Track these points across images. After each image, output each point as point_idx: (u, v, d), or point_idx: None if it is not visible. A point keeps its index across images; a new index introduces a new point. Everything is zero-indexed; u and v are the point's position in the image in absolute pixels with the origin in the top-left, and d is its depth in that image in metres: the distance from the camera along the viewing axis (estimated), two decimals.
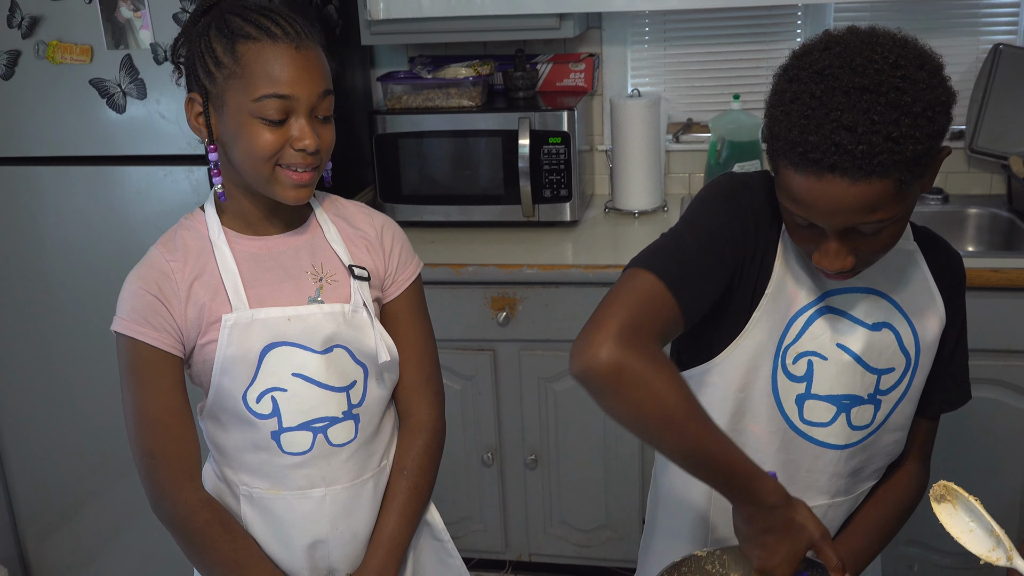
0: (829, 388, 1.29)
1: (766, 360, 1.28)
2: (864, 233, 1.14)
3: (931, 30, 2.68)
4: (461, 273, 2.42)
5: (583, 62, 2.85)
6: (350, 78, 2.89)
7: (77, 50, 2.27)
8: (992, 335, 2.25)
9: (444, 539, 1.56)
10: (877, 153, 1.06)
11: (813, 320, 1.27)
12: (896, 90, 1.07)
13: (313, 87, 1.30)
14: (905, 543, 2.45)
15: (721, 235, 1.22)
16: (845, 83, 1.08)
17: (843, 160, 1.06)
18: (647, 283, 1.16)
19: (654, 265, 1.17)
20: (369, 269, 1.45)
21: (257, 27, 1.28)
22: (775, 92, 1.16)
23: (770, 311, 1.27)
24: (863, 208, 1.09)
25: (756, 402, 1.30)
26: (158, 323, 1.33)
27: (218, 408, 1.38)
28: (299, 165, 1.31)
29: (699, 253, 1.20)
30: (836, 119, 1.07)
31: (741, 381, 1.29)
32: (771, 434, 1.32)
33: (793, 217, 1.17)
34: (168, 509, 1.37)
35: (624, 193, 2.75)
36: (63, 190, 2.39)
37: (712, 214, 1.24)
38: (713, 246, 1.21)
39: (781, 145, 1.12)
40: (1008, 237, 2.60)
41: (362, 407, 1.42)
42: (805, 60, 1.13)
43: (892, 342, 1.31)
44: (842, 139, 1.06)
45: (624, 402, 1.09)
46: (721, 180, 1.30)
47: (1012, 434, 2.31)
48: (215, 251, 1.37)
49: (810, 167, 1.09)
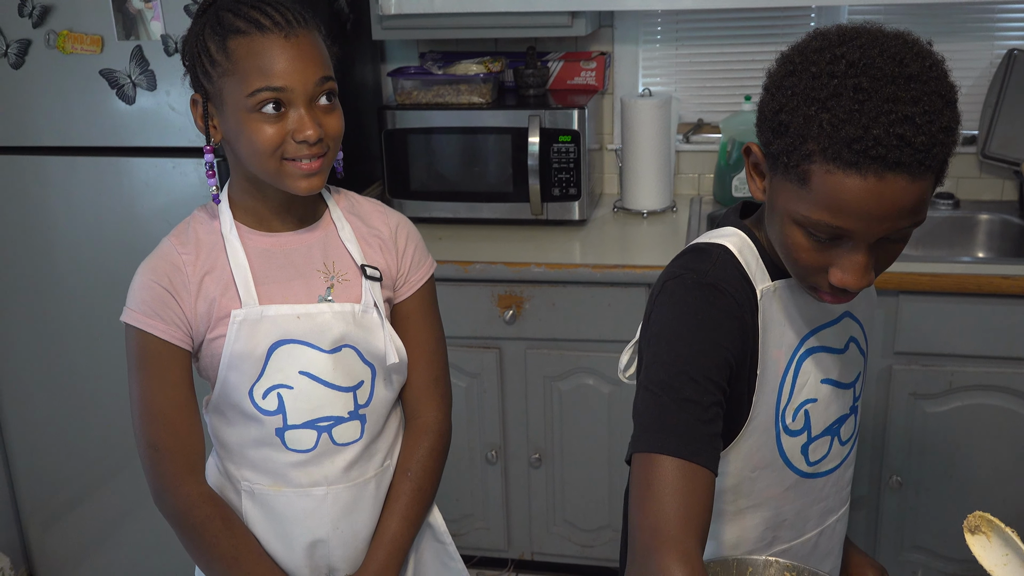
0: (823, 423, 1.26)
1: (770, 434, 1.23)
2: (892, 240, 1.06)
3: (945, 34, 2.66)
4: (468, 270, 2.41)
5: (594, 60, 2.84)
6: (360, 73, 2.88)
7: (87, 40, 2.26)
8: (1002, 342, 2.23)
9: (446, 541, 1.56)
10: (934, 145, 0.99)
11: (798, 370, 1.22)
12: (934, 79, 1.01)
13: (307, 75, 1.27)
14: (910, 548, 2.44)
15: (714, 366, 1.11)
16: (891, 72, 0.99)
17: (906, 155, 0.97)
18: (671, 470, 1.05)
19: (666, 445, 1.06)
20: (382, 268, 1.43)
21: (246, 20, 1.26)
22: (795, 91, 1.03)
23: (764, 388, 1.20)
24: (912, 209, 1.02)
25: (768, 473, 1.25)
26: (167, 316, 1.33)
27: (224, 403, 1.38)
28: (304, 157, 1.29)
29: (701, 402, 1.08)
30: (892, 110, 0.97)
31: (753, 462, 1.24)
32: (785, 491, 1.27)
33: (814, 234, 1.06)
34: (170, 502, 1.37)
35: (633, 193, 2.74)
36: (71, 180, 2.39)
37: (697, 344, 1.11)
38: (710, 384, 1.10)
39: (826, 145, 1.00)
40: (1019, 244, 2.59)
41: (368, 407, 1.42)
42: (826, 55, 1.03)
43: (856, 352, 1.29)
44: (905, 131, 0.97)
45: None
46: (686, 292, 1.15)
47: (1020, 441, 2.30)
48: (227, 246, 1.36)
49: (871, 165, 0.98)
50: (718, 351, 1.11)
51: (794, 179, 1.05)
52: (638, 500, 1.06)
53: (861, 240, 1.04)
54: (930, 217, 2.67)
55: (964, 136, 2.72)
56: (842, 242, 1.06)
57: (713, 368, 1.10)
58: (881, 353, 2.30)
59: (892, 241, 1.06)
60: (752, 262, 1.19)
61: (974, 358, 2.26)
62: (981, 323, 2.23)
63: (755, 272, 1.18)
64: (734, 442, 1.21)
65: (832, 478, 1.31)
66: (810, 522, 1.32)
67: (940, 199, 2.69)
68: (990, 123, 2.63)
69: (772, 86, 1.08)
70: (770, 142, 1.08)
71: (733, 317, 1.14)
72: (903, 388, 2.31)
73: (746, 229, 1.22)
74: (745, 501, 1.26)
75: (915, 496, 2.40)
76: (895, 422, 2.34)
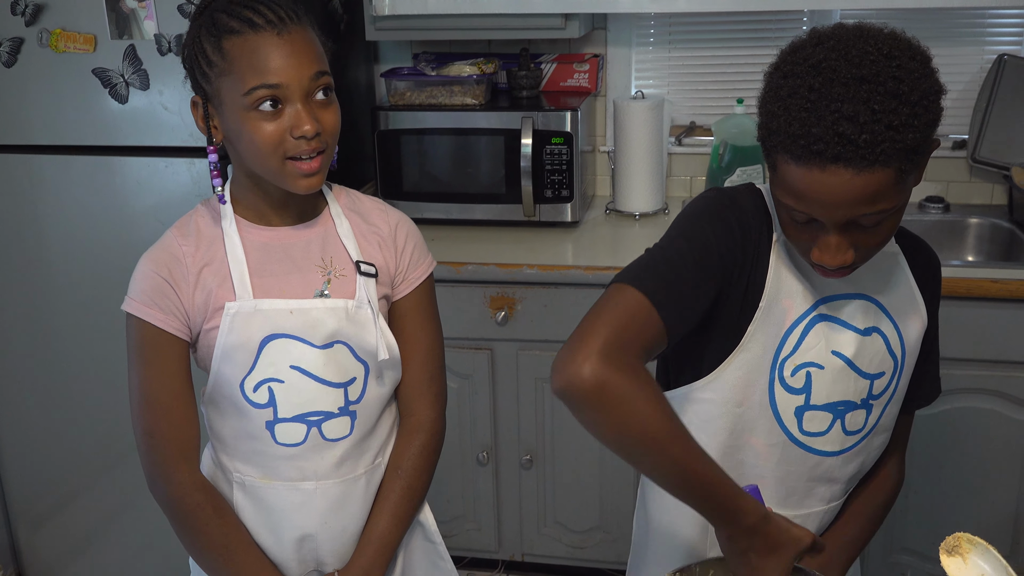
0: (826, 396, 1.29)
1: (762, 374, 1.28)
2: (864, 226, 1.13)
3: (936, 39, 2.68)
4: (461, 272, 2.41)
5: (587, 63, 2.85)
6: (354, 73, 2.88)
7: (81, 39, 2.26)
8: (991, 346, 2.25)
9: (436, 541, 1.56)
10: (879, 142, 1.06)
11: (808, 330, 1.27)
12: (893, 79, 1.07)
13: (302, 71, 1.28)
14: (898, 551, 2.45)
15: (707, 248, 1.21)
16: (843, 75, 1.07)
17: (846, 150, 1.06)
18: (631, 299, 1.15)
19: (638, 281, 1.16)
20: (380, 266, 1.44)
21: (239, 20, 1.27)
22: (769, 89, 1.15)
23: (764, 325, 1.26)
24: (865, 199, 1.09)
25: (754, 416, 1.30)
26: (166, 306, 1.34)
27: (217, 394, 1.39)
28: (304, 152, 1.30)
29: (684, 268, 1.19)
30: (837, 110, 1.06)
31: (738, 396, 1.29)
32: (770, 447, 1.31)
33: (792, 214, 1.16)
34: (163, 489, 1.38)
35: (625, 195, 2.74)
36: (64, 179, 2.39)
37: (697, 228, 1.23)
38: (699, 260, 1.20)
39: (781, 140, 1.11)
40: (1008, 248, 2.60)
41: (360, 404, 1.42)
42: (798, 55, 1.12)
43: (881, 346, 1.31)
44: (845, 129, 1.06)
45: (606, 420, 1.08)
46: (706, 195, 1.29)
47: (1009, 444, 2.31)
48: (225, 239, 1.37)
49: (813, 159, 1.08)
50: (711, 244, 1.21)
51: (771, 166, 1.17)
52: (589, 313, 1.16)
53: (828, 224, 1.13)
54: (920, 221, 2.68)
55: (954, 140, 2.73)
56: (815, 224, 1.15)
57: (709, 252, 1.20)
58: None
59: (865, 227, 1.13)
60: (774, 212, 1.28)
61: (964, 361, 2.27)
62: (971, 326, 2.25)
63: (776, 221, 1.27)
64: (721, 366, 1.28)
65: (827, 463, 1.33)
66: (793, 497, 1.34)
67: (930, 203, 2.71)
68: (980, 128, 2.64)
69: (765, 79, 1.18)
70: (759, 130, 1.19)
71: (740, 229, 1.23)
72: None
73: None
74: (727, 439, 1.32)
75: (904, 499, 2.41)
76: None
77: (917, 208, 2.73)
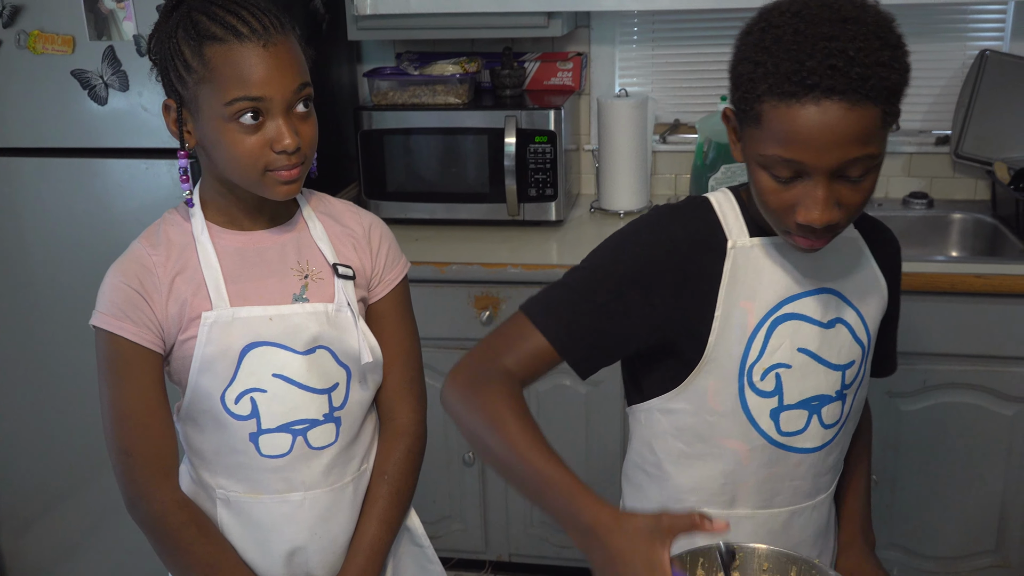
0: (799, 394, 1.29)
1: (731, 382, 1.27)
2: (850, 179, 1.13)
3: (918, 35, 2.68)
4: (445, 271, 2.40)
5: (571, 61, 2.84)
6: (336, 73, 2.87)
7: (59, 40, 2.24)
8: (974, 341, 2.25)
9: (424, 544, 1.55)
10: (870, 76, 1.07)
11: (771, 332, 1.26)
12: (874, 24, 1.10)
13: (286, 84, 1.26)
14: (886, 547, 2.46)
15: (627, 280, 1.23)
16: (827, 16, 1.10)
17: (840, 82, 1.07)
18: (533, 342, 1.21)
19: (545, 323, 1.21)
20: (355, 268, 1.42)
21: (223, 26, 1.24)
22: (746, 45, 1.16)
23: (725, 333, 1.25)
24: (858, 137, 1.09)
25: (729, 422, 1.29)
26: (138, 318, 1.30)
27: (195, 408, 1.36)
28: (284, 166, 1.28)
29: (597, 310, 1.22)
30: (826, 46, 1.07)
31: (710, 404, 1.28)
32: (751, 451, 1.30)
33: (775, 171, 1.14)
34: (143, 509, 1.34)
35: (610, 193, 2.74)
36: (44, 182, 2.36)
37: (621, 255, 1.25)
38: (616, 295, 1.22)
39: (770, 83, 1.10)
40: (992, 243, 2.61)
41: (344, 410, 1.40)
42: (774, 11, 1.14)
43: (847, 336, 1.31)
44: (837, 62, 1.07)
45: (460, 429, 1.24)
46: (646, 215, 1.31)
47: (994, 439, 2.32)
48: (197, 247, 1.34)
49: (808, 93, 1.08)
50: (631, 266, 1.23)
51: (752, 123, 1.15)
52: (493, 337, 1.23)
53: (816, 173, 1.12)
54: (904, 216, 2.69)
55: (937, 136, 2.74)
56: (801, 180, 1.14)
57: (617, 277, 1.22)
58: None
59: (851, 181, 1.13)
60: (731, 216, 1.28)
61: (948, 356, 2.28)
62: (955, 322, 2.25)
63: (731, 225, 1.27)
64: (687, 380, 1.28)
65: (810, 459, 1.33)
66: (779, 496, 1.33)
67: (914, 199, 2.71)
68: (963, 123, 2.65)
69: (735, 47, 1.19)
70: (734, 96, 1.18)
71: (667, 249, 1.24)
72: (878, 387, 2.31)
73: (735, 193, 1.31)
74: (703, 446, 1.31)
75: (891, 494, 2.41)
76: None
77: (901, 204, 2.74)
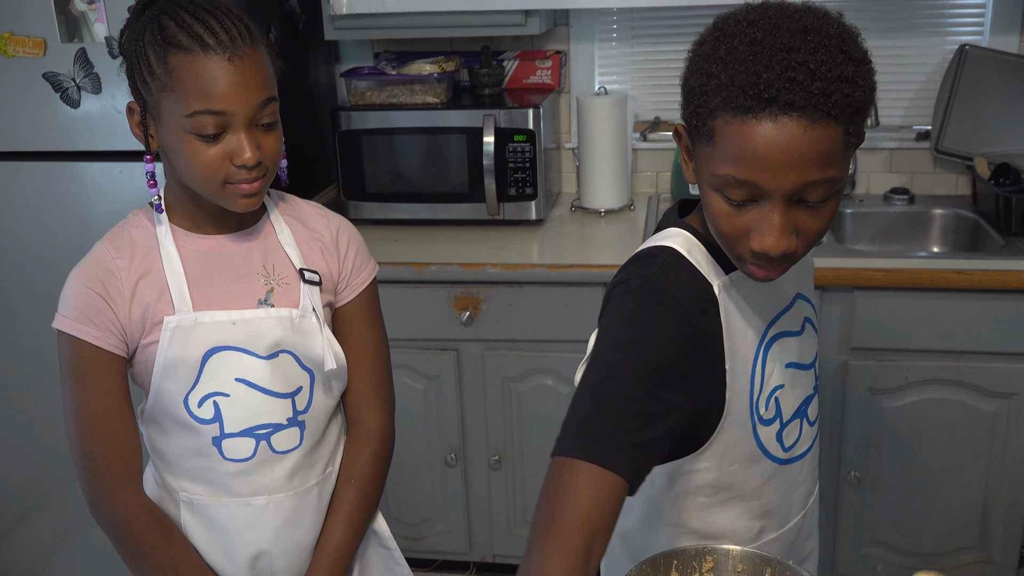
0: (792, 407, 1.27)
1: (746, 426, 1.22)
2: (809, 204, 1.04)
3: (898, 30, 2.68)
4: (424, 272, 2.39)
5: (550, 59, 2.83)
6: (314, 74, 2.85)
7: (30, 43, 2.22)
8: (954, 336, 2.25)
9: (391, 547, 1.53)
10: (832, 92, 0.98)
11: (766, 359, 1.22)
12: (837, 36, 1.01)
13: (250, 99, 1.23)
14: (869, 543, 2.45)
15: (650, 372, 1.07)
16: (786, 26, 1.01)
17: (800, 97, 0.98)
18: (582, 474, 1.02)
19: (582, 450, 1.03)
20: (323, 272, 1.41)
21: (189, 35, 1.21)
22: (700, 56, 1.06)
23: (736, 382, 1.19)
24: (817, 160, 1.00)
25: (748, 465, 1.25)
26: (101, 322, 1.29)
27: (158, 412, 1.35)
28: (244, 180, 1.26)
29: (626, 411, 1.04)
30: (785, 59, 0.99)
31: (730, 456, 1.23)
32: (766, 481, 1.26)
33: (729, 194, 1.05)
34: (106, 513, 1.34)
35: (591, 192, 2.73)
36: (16, 185, 2.34)
37: (638, 352, 1.08)
38: (641, 391, 1.06)
39: (724, 96, 1.01)
40: (972, 238, 2.60)
41: (308, 414, 1.39)
42: (729, 20, 1.06)
43: (811, 332, 1.31)
44: (797, 75, 0.98)
45: None
46: (627, 304, 1.13)
47: (974, 434, 2.31)
48: (161, 251, 1.33)
49: (765, 108, 0.99)
50: (655, 358, 1.08)
51: (704, 140, 1.06)
52: (543, 500, 1.04)
53: (772, 196, 1.03)
54: (885, 212, 2.69)
55: (917, 132, 2.73)
56: (756, 204, 1.05)
57: (647, 375, 1.07)
58: (837, 349, 2.30)
59: (810, 207, 1.04)
60: (702, 259, 1.18)
61: (929, 352, 2.27)
62: (936, 318, 2.25)
63: (708, 269, 1.17)
64: (711, 439, 1.20)
65: (806, 460, 1.32)
66: (794, 507, 1.32)
67: (895, 194, 2.71)
68: (943, 118, 2.64)
69: (687, 58, 1.10)
70: (685, 111, 1.09)
71: (679, 322, 1.12)
72: (859, 383, 2.32)
73: (689, 228, 1.21)
74: (726, 493, 1.25)
75: (874, 491, 2.41)
76: (852, 417, 2.35)
77: (882, 200, 2.73)
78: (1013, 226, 2.41)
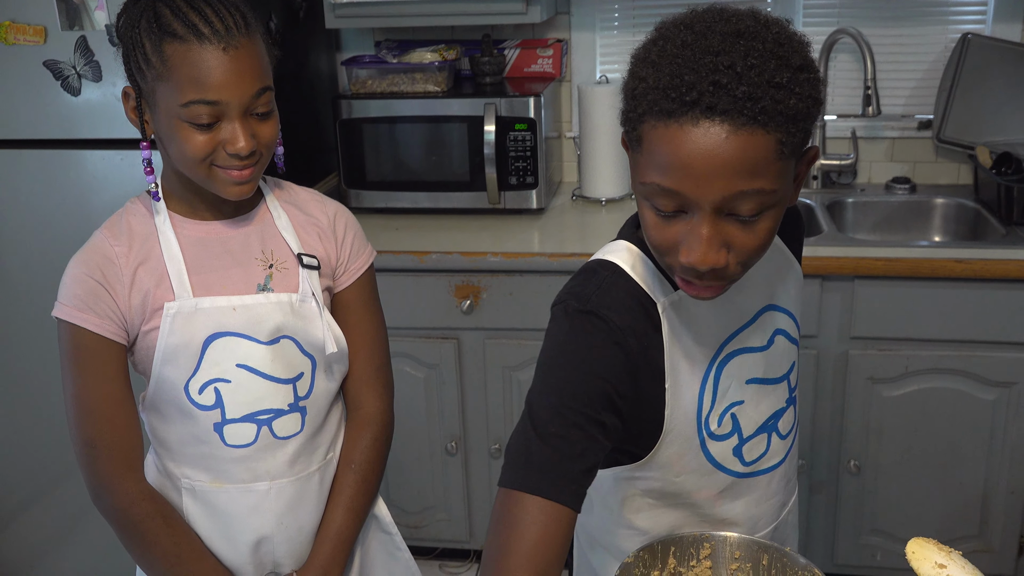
0: (755, 423, 1.23)
1: (692, 443, 1.19)
2: (740, 217, 0.99)
3: (900, 19, 2.67)
4: (425, 260, 2.39)
5: (551, 48, 2.82)
6: (315, 62, 2.84)
7: (30, 31, 2.21)
8: (956, 326, 2.25)
9: (392, 532, 1.54)
10: (760, 98, 0.93)
11: (719, 377, 1.18)
12: (773, 42, 0.96)
13: (245, 89, 1.23)
14: (869, 532, 2.46)
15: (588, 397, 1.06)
16: (719, 29, 0.97)
17: (722, 101, 0.92)
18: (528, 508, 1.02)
19: (526, 482, 1.03)
20: (321, 257, 1.41)
21: (184, 24, 1.21)
22: (636, 59, 1.02)
23: (677, 399, 1.16)
24: (743, 169, 0.94)
25: (695, 477, 1.23)
26: (101, 310, 1.29)
27: (159, 399, 1.35)
28: (235, 167, 1.26)
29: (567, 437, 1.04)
30: (712, 62, 0.94)
31: (675, 468, 1.21)
32: (719, 492, 1.24)
33: (656, 203, 1.01)
34: (108, 500, 1.34)
35: (592, 180, 2.72)
36: (17, 174, 2.34)
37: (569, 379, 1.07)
38: (582, 416, 1.05)
39: (648, 100, 0.97)
40: (974, 227, 2.60)
41: (309, 399, 1.39)
42: (670, 23, 1.02)
43: (784, 344, 1.25)
44: (721, 78, 0.93)
45: None
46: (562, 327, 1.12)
47: (975, 424, 2.31)
48: (160, 237, 1.33)
49: (686, 112, 0.94)
50: (593, 383, 1.07)
51: (636, 147, 1.02)
52: (491, 536, 1.05)
53: (700, 208, 0.98)
54: (887, 202, 2.68)
55: (919, 120, 2.73)
56: (684, 215, 1.00)
57: (585, 401, 1.06)
58: (837, 338, 2.31)
59: (741, 221, 0.99)
60: (648, 276, 1.14)
61: (930, 342, 2.27)
62: (936, 307, 2.24)
63: (653, 286, 1.14)
64: (650, 454, 1.19)
65: (776, 473, 1.29)
66: (763, 519, 1.29)
67: (897, 183, 2.71)
68: (945, 107, 2.64)
69: (630, 63, 1.05)
70: (621, 117, 1.05)
71: (613, 344, 1.09)
72: (860, 373, 2.32)
73: (639, 241, 1.17)
74: (674, 499, 1.25)
75: (873, 480, 2.41)
76: (852, 407, 2.35)
77: (884, 189, 2.73)
78: (1015, 215, 2.40)
